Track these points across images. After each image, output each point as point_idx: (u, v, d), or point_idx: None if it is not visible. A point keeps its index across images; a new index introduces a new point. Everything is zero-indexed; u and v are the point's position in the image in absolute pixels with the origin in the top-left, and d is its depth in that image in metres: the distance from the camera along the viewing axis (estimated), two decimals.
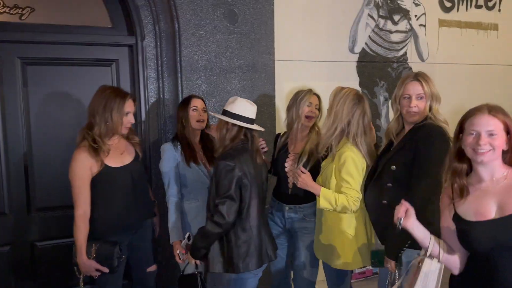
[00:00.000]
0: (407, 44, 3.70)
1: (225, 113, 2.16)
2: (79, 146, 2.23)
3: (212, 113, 2.43)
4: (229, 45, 2.94)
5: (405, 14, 3.67)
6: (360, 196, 2.22)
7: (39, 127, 2.77)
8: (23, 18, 2.67)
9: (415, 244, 1.75)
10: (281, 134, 2.73)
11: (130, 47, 2.89)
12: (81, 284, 2.26)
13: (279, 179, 2.62)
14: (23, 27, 2.66)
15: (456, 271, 1.68)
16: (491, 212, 1.54)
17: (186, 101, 2.53)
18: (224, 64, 2.94)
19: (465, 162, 1.62)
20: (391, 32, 3.62)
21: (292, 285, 2.70)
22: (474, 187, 1.60)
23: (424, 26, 3.78)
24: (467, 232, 1.57)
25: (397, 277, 2.05)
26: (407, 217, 1.61)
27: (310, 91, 2.55)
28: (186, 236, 2.38)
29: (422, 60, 3.78)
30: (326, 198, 2.20)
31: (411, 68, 3.71)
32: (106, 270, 2.20)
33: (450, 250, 1.67)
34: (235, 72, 2.98)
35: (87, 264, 2.18)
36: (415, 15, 3.72)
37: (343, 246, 2.26)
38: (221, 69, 2.93)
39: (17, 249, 2.77)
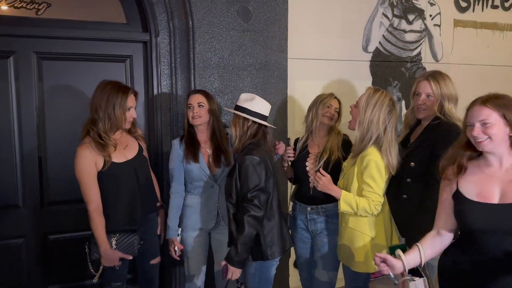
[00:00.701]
0: (421, 44, 3.67)
1: (244, 110, 2.22)
2: (83, 143, 2.23)
3: (229, 110, 2.39)
4: (242, 43, 2.94)
5: (420, 13, 3.63)
6: (382, 200, 2.19)
7: (53, 121, 2.80)
8: (39, 13, 2.70)
9: None
10: (300, 138, 2.72)
11: (144, 43, 2.91)
12: (96, 279, 2.30)
13: (300, 180, 2.62)
14: (39, 22, 2.69)
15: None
16: (494, 196, 1.60)
17: (186, 99, 2.56)
18: (237, 61, 2.94)
19: (469, 150, 1.70)
20: (405, 31, 3.59)
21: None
22: (481, 169, 1.67)
23: (439, 26, 3.74)
24: (465, 210, 1.64)
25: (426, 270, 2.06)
26: (392, 268, 1.70)
27: (331, 94, 2.60)
28: (179, 231, 2.47)
29: (436, 60, 3.75)
30: (346, 201, 2.17)
31: (425, 68, 3.68)
32: (130, 257, 2.26)
33: (432, 246, 1.76)
34: (248, 69, 2.97)
35: (111, 254, 2.21)
36: (430, 15, 3.69)
37: (364, 248, 2.23)
38: (234, 67, 2.94)
39: (30, 242, 2.82)
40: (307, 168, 2.54)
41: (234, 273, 2.16)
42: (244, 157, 2.16)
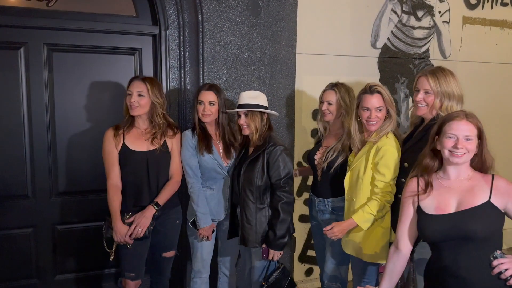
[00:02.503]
0: (429, 40, 3.66)
1: (258, 106, 2.36)
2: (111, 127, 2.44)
3: (238, 110, 2.41)
4: (251, 37, 2.94)
5: (429, 10, 3.62)
6: (391, 188, 2.19)
7: (63, 113, 2.82)
8: (50, 4, 2.71)
9: None
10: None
11: (153, 36, 2.91)
12: (112, 257, 2.38)
13: (313, 171, 2.63)
14: (49, 14, 2.70)
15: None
16: (450, 207, 1.72)
17: (196, 93, 2.55)
18: (246, 56, 2.94)
19: (436, 161, 1.80)
20: (414, 28, 3.58)
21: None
22: (440, 183, 1.77)
23: (448, 23, 3.72)
24: (425, 225, 1.75)
25: (411, 269, 2.07)
26: None
27: (325, 87, 2.54)
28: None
29: (445, 57, 3.73)
30: (364, 220, 2.19)
31: (432, 65, 3.66)
32: (140, 233, 2.33)
33: (394, 267, 1.88)
34: (256, 64, 2.98)
35: (122, 229, 2.31)
36: (439, 12, 3.67)
37: (372, 237, 2.25)
38: (243, 61, 2.94)
39: (38, 231, 2.85)
40: (315, 162, 2.56)
41: (275, 255, 2.35)
42: (275, 148, 2.32)
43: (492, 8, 3.89)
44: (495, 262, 1.63)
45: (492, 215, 1.67)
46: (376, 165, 2.19)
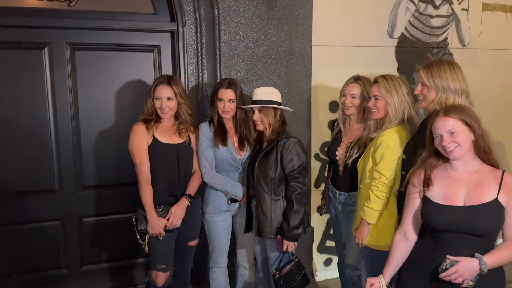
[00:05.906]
0: (448, 29, 3.61)
1: (272, 102, 2.41)
2: (138, 121, 2.48)
3: (252, 106, 2.46)
4: (267, 31, 2.96)
5: None
6: (383, 178, 2.22)
7: (86, 109, 2.91)
8: (71, 5, 2.79)
9: None
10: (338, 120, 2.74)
11: (171, 33, 2.97)
12: (146, 248, 2.45)
13: (333, 165, 2.67)
14: (71, 14, 2.78)
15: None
16: (459, 199, 1.73)
17: (215, 90, 2.57)
18: (262, 50, 2.97)
19: (440, 158, 1.81)
20: (431, 16, 3.54)
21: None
22: (449, 173, 1.78)
23: (467, 10, 3.66)
24: (432, 213, 1.76)
25: None
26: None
27: (349, 80, 2.56)
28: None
29: (464, 45, 3.68)
30: (371, 216, 2.26)
31: (451, 54, 3.63)
32: (177, 224, 2.43)
33: (402, 255, 1.87)
34: (272, 57, 3.00)
35: (157, 222, 2.38)
36: None
37: (375, 226, 2.29)
38: (259, 55, 2.97)
39: (66, 224, 2.97)
40: (337, 158, 2.58)
41: (289, 246, 2.38)
42: (288, 140, 2.37)
43: None
44: (443, 274, 1.63)
45: (497, 213, 1.69)
46: (373, 155, 2.26)
